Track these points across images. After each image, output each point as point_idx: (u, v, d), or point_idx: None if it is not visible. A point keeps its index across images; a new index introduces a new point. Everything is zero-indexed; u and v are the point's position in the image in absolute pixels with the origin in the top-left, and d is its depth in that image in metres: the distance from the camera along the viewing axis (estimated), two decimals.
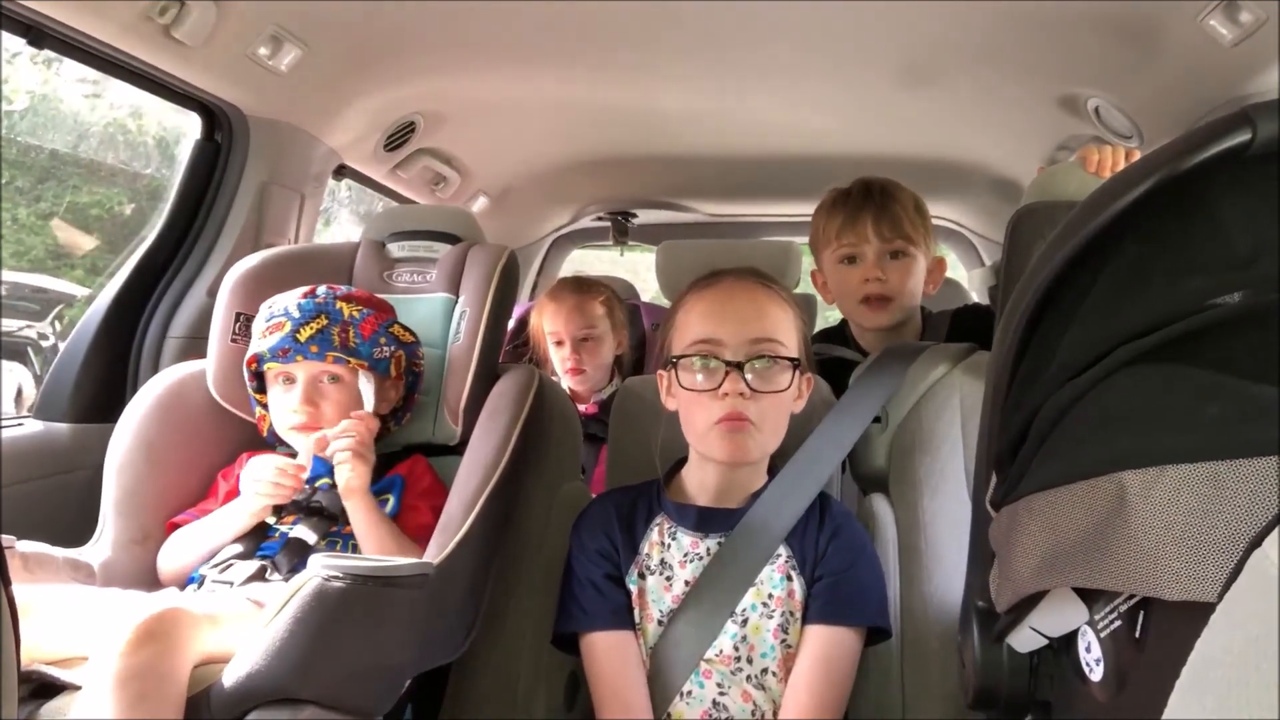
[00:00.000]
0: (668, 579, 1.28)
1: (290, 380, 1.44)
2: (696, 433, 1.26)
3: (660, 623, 1.26)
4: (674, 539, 1.30)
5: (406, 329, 1.49)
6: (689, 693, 1.23)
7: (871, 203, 1.72)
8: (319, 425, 1.41)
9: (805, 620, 1.24)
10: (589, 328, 2.22)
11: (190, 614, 1.05)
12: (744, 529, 1.26)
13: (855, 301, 1.74)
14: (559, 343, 2.23)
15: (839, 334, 1.91)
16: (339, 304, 1.44)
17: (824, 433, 1.36)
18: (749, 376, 1.21)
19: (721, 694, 1.22)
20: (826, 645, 1.21)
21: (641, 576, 1.29)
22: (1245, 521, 0.55)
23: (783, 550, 1.27)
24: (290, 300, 1.44)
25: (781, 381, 1.23)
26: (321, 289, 1.46)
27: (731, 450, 1.22)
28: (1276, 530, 0.51)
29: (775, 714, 1.21)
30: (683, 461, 1.37)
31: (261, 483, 1.35)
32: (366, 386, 1.44)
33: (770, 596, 1.25)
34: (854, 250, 1.73)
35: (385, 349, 1.45)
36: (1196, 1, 1.54)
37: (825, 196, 1.81)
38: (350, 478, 1.35)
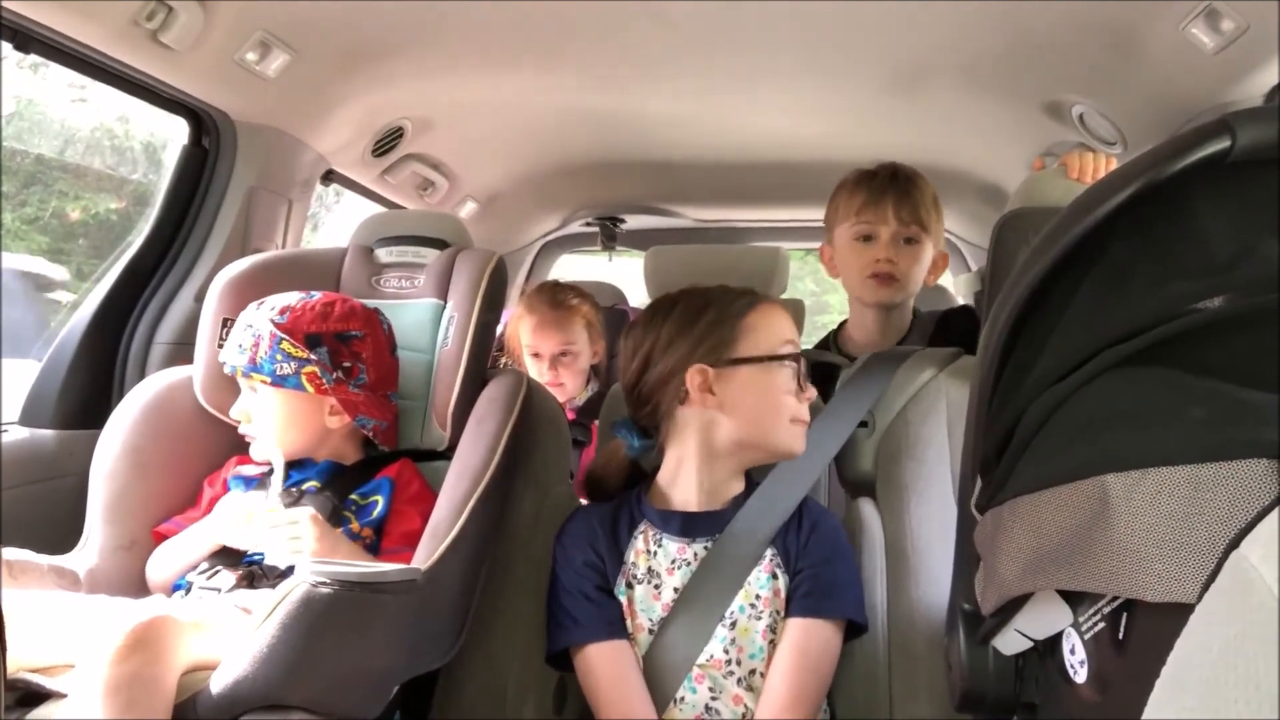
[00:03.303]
0: (656, 587, 1.28)
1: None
2: (773, 428, 1.30)
3: (651, 631, 1.26)
4: (660, 546, 1.30)
5: (297, 345, 1.39)
6: (681, 699, 1.23)
7: (895, 186, 1.77)
8: (254, 437, 1.44)
9: (785, 614, 1.25)
10: (567, 344, 2.21)
11: (178, 621, 1.04)
12: (731, 534, 1.27)
13: (864, 276, 1.78)
14: (536, 355, 2.23)
15: (828, 344, 1.93)
16: (266, 316, 1.41)
17: (810, 437, 1.37)
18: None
19: (714, 699, 1.23)
20: (804, 636, 1.23)
21: (629, 586, 1.29)
22: (1225, 524, 0.56)
23: (768, 550, 1.28)
24: (248, 308, 1.45)
25: None
26: (274, 297, 1.45)
27: (803, 444, 1.32)
28: (1254, 532, 0.51)
29: None
30: (655, 468, 1.37)
31: (228, 525, 1.33)
32: (271, 446, 1.39)
33: (758, 597, 1.26)
34: (871, 229, 1.77)
35: (285, 365, 1.38)
36: (1180, 4, 1.55)
37: (850, 173, 1.85)
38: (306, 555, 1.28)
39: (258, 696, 1.00)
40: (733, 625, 1.25)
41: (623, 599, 1.29)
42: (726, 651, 1.24)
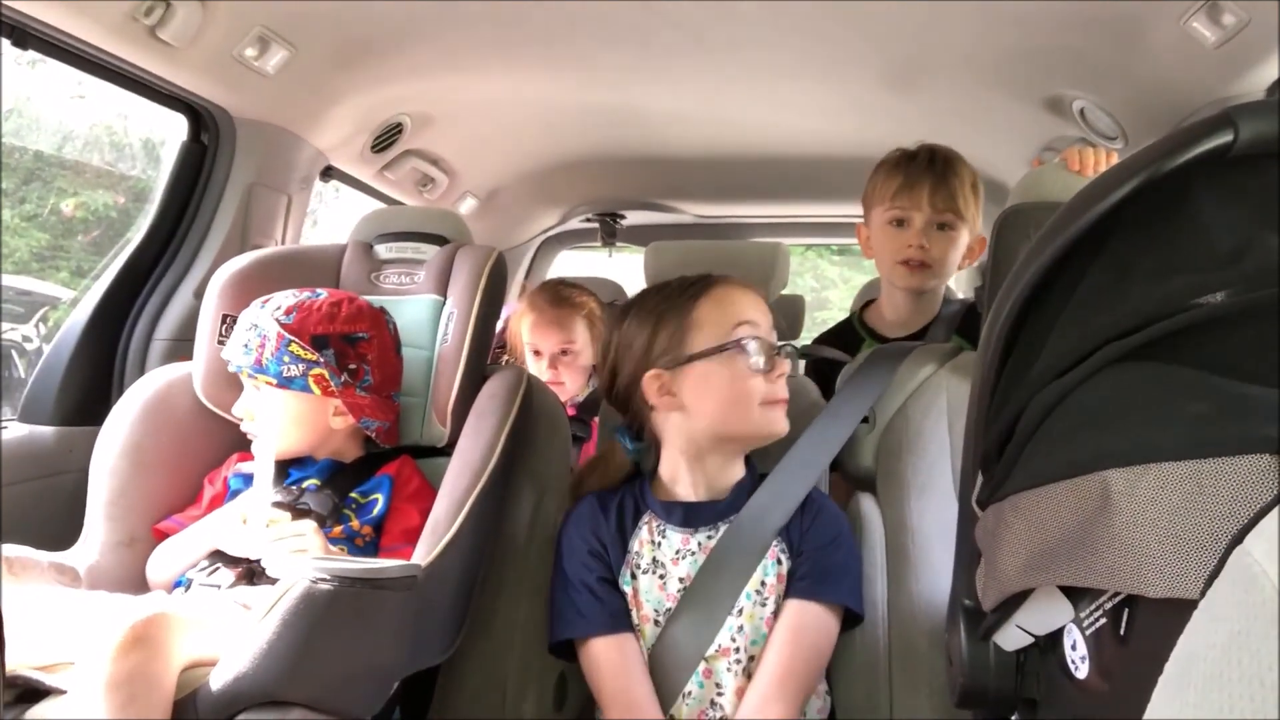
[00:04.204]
0: (661, 577, 1.28)
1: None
2: (744, 415, 1.28)
3: (657, 623, 1.26)
4: (664, 536, 1.30)
5: (305, 347, 1.38)
6: (689, 693, 1.23)
7: (932, 171, 1.75)
8: (257, 435, 1.42)
9: (785, 595, 1.26)
10: (567, 342, 2.21)
11: (178, 618, 1.04)
12: (737, 528, 1.28)
13: (895, 262, 1.78)
14: (536, 353, 2.22)
15: (844, 332, 1.92)
16: (272, 316, 1.40)
17: (814, 433, 1.37)
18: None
19: (719, 694, 1.23)
20: (800, 617, 1.23)
21: (634, 576, 1.29)
22: (1227, 519, 0.56)
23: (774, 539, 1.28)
24: (251, 306, 1.45)
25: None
26: (279, 295, 1.45)
27: (784, 424, 1.30)
28: (1258, 527, 0.51)
29: None
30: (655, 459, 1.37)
31: (229, 535, 1.32)
32: (266, 450, 1.36)
33: (763, 584, 1.26)
34: (904, 214, 1.76)
35: (292, 367, 1.38)
36: (1180, 3, 1.55)
37: (889, 154, 1.84)
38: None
39: (257, 693, 1.00)
40: (739, 613, 1.25)
41: (628, 589, 1.29)
42: (734, 639, 1.24)
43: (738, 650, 1.24)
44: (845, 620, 1.28)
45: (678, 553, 1.29)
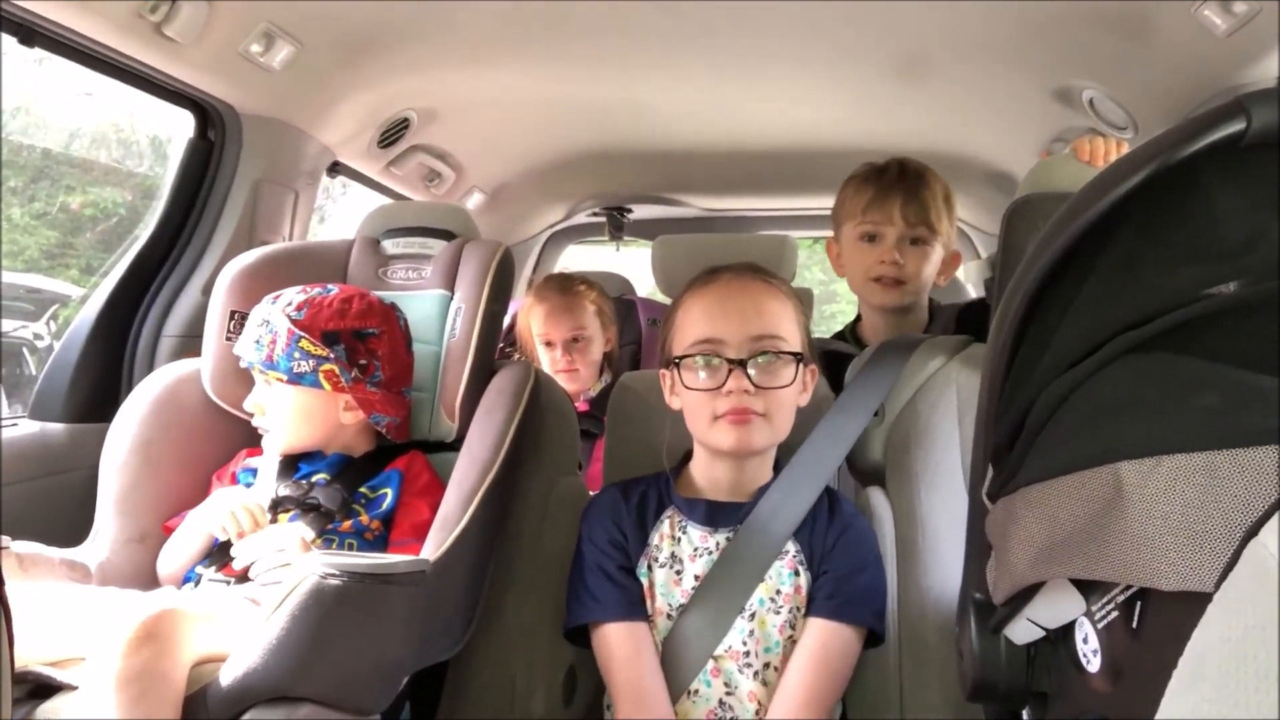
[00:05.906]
0: (677, 573, 1.28)
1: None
2: (702, 428, 1.27)
3: (670, 617, 1.26)
4: (684, 532, 1.30)
5: (315, 344, 1.38)
6: (695, 691, 1.23)
7: (904, 185, 1.71)
8: (268, 430, 1.42)
9: (807, 613, 1.24)
10: (579, 329, 2.21)
11: (188, 614, 1.05)
12: (750, 526, 1.27)
13: (867, 279, 1.74)
14: (548, 344, 2.22)
15: (844, 336, 1.91)
16: (283, 312, 1.40)
17: (826, 429, 1.36)
18: (752, 373, 1.22)
19: (729, 694, 1.22)
20: (827, 638, 1.22)
21: (650, 569, 1.29)
22: (1242, 511, 0.55)
23: (791, 546, 1.27)
24: (263, 302, 1.45)
25: (785, 376, 1.24)
26: (290, 291, 1.44)
27: (738, 440, 1.23)
28: (1273, 520, 0.51)
29: None
30: (689, 455, 1.37)
31: (221, 515, 1.32)
32: (274, 448, 1.36)
33: (779, 592, 1.25)
34: (876, 229, 1.72)
35: (303, 363, 1.38)
36: None
37: (858, 168, 1.80)
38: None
39: (267, 689, 1.00)
40: (752, 617, 1.24)
41: (644, 581, 1.29)
42: (745, 643, 1.23)
43: (749, 655, 1.23)
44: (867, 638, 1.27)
45: (696, 550, 1.29)
